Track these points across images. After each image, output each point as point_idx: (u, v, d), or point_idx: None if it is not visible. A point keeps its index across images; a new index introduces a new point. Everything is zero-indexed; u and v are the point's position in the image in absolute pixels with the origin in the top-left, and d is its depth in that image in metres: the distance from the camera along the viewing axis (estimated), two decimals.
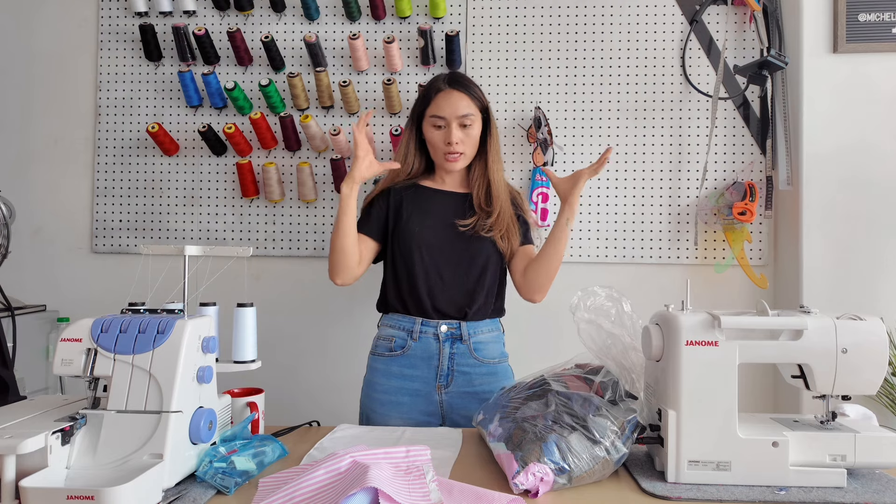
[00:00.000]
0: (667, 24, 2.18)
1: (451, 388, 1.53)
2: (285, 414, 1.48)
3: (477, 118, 1.58)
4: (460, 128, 1.56)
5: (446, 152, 1.57)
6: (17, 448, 0.84)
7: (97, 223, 2.28)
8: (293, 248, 2.24)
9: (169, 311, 1.09)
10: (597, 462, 1.00)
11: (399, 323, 1.57)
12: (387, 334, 1.59)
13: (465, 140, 1.57)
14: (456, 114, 1.55)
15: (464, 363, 1.54)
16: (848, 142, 2.01)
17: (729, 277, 2.16)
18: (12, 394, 1.22)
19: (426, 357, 1.54)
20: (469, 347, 1.54)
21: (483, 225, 1.56)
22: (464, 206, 1.61)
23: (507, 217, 1.59)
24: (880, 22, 2.01)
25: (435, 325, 1.54)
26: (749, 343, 1.04)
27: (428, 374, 1.53)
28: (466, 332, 1.54)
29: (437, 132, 1.58)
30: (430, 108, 1.58)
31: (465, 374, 1.54)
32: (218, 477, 0.99)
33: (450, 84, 1.58)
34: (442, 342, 1.53)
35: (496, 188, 1.60)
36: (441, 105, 1.56)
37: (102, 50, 2.27)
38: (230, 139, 2.16)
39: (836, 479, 1.00)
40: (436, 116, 1.56)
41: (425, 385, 1.53)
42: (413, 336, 1.54)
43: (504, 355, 1.63)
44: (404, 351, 1.54)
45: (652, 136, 2.19)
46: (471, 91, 1.58)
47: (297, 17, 2.23)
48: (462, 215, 1.59)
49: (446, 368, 1.53)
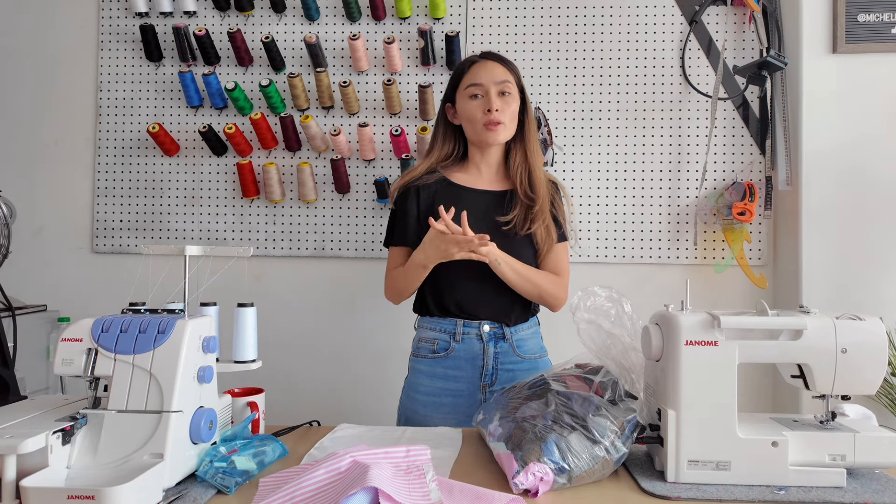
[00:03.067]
0: (666, 24, 2.19)
1: (494, 386, 1.50)
2: (285, 414, 1.48)
3: (515, 91, 1.50)
4: (499, 96, 1.47)
5: (486, 122, 1.47)
6: (18, 448, 0.84)
7: (98, 223, 2.28)
8: (293, 248, 2.25)
9: (169, 311, 1.09)
10: (596, 462, 1.00)
11: (440, 325, 1.52)
12: (428, 336, 1.53)
13: (505, 109, 1.48)
14: (494, 79, 1.47)
15: (507, 361, 1.51)
16: (847, 142, 2.01)
17: (728, 277, 2.16)
18: (13, 394, 1.22)
19: (470, 358, 1.50)
20: (512, 345, 1.51)
21: (529, 216, 1.48)
22: (503, 203, 1.52)
23: (548, 208, 1.51)
24: (880, 22, 2.01)
25: (477, 326, 1.49)
26: (749, 343, 1.04)
27: (473, 374, 1.50)
28: (508, 330, 1.51)
29: (474, 102, 1.48)
30: (466, 79, 1.50)
31: (509, 372, 1.51)
32: (218, 476, 0.99)
33: (485, 56, 1.53)
34: (486, 342, 1.49)
35: (538, 175, 1.52)
36: (478, 73, 1.49)
37: (103, 50, 2.28)
38: (230, 139, 2.16)
39: (835, 479, 1.00)
40: (473, 85, 1.48)
41: (469, 385, 1.50)
42: (456, 338, 1.50)
43: (543, 350, 1.60)
44: (448, 353, 1.50)
45: (652, 137, 2.19)
46: (507, 63, 1.52)
47: (298, 18, 2.23)
48: (502, 214, 1.50)
49: (491, 368, 1.50)
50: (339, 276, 2.25)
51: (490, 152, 1.55)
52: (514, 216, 1.49)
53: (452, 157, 1.58)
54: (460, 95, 1.52)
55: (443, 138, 1.58)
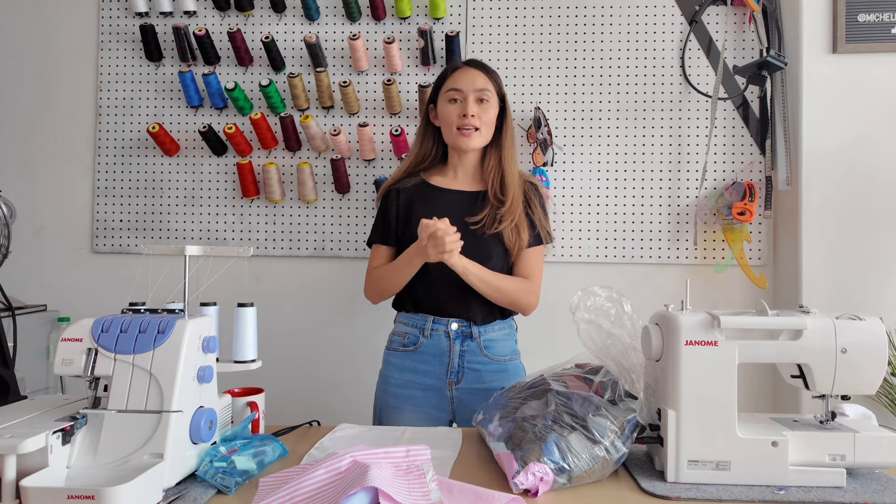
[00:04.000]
0: (666, 24, 2.19)
1: (461, 384, 1.54)
2: (285, 414, 1.48)
3: (494, 99, 1.57)
4: (477, 102, 1.54)
5: (461, 126, 1.53)
6: (18, 448, 0.84)
7: (98, 223, 2.28)
8: (293, 248, 2.25)
9: (169, 311, 1.09)
10: (596, 462, 1.00)
11: (412, 320, 1.57)
12: (401, 330, 1.59)
13: (482, 116, 1.54)
14: (473, 86, 1.54)
15: (474, 360, 1.54)
16: (847, 142, 2.01)
17: (728, 277, 2.16)
18: (13, 394, 1.22)
19: (437, 354, 1.54)
20: (479, 345, 1.54)
21: (496, 216, 1.53)
22: (475, 204, 1.57)
23: (520, 210, 1.55)
24: (880, 22, 2.01)
25: (446, 323, 1.54)
26: (748, 343, 1.04)
27: (439, 370, 1.54)
28: (477, 330, 1.55)
29: (452, 106, 1.55)
30: (447, 83, 1.57)
31: (475, 371, 1.54)
32: (218, 476, 0.99)
33: (468, 63, 1.59)
34: (452, 340, 1.54)
35: (509, 180, 1.56)
36: (458, 78, 1.56)
37: (103, 50, 2.28)
38: (230, 139, 2.16)
39: (835, 479, 1.00)
40: (453, 89, 1.55)
41: (437, 381, 1.54)
42: (425, 333, 1.55)
43: (515, 353, 1.63)
44: (416, 347, 1.55)
45: (651, 137, 2.19)
46: (489, 72, 1.59)
47: (298, 18, 2.23)
48: (473, 214, 1.55)
49: (457, 365, 1.54)
50: (339, 276, 2.25)
51: (467, 156, 1.61)
52: (484, 216, 1.54)
53: (431, 156, 1.64)
54: (441, 98, 1.58)
55: (423, 138, 1.65)
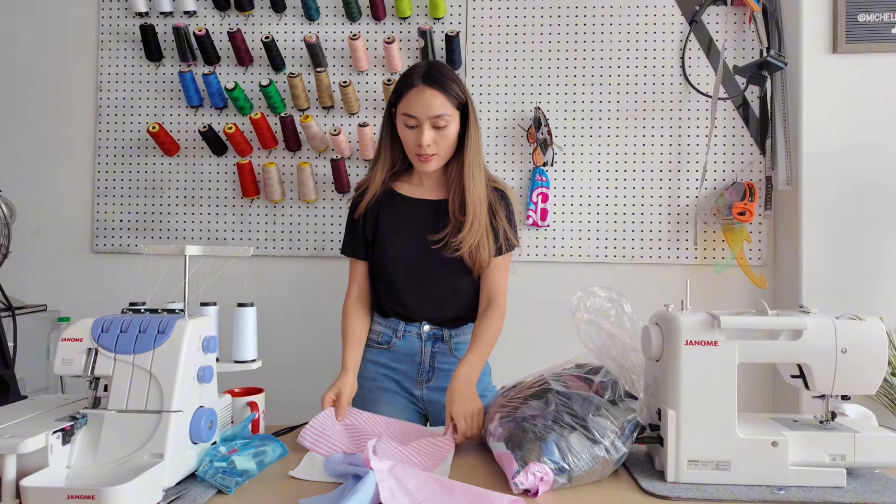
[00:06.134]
0: (666, 24, 2.19)
1: (431, 383, 1.56)
2: (285, 414, 1.48)
3: (453, 117, 1.45)
4: (433, 129, 1.43)
5: (417, 154, 1.46)
6: (18, 448, 0.84)
7: (98, 223, 2.28)
8: (293, 248, 2.25)
9: (169, 311, 1.09)
10: (597, 462, 1.00)
11: (386, 322, 1.59)
12: (377, 329, 1.61)
13: (439, 141, 1.45)
14: (428, 114, 1.42)
15: (444, 361, 1.57)
16: (847, 142, 2.01)
17: (728, 277, 2.16)
18: (13, 393, 1.22)
19: (409, 353, 1.57)
20: (449, 346, 1.57)
21: (453, 241, 1.48)
22: (437, 214, 1.52)
23: (481, 228, 1.49)
24: (880, 22, 2.01)
25: (418, 325, 1.56)
26: (748, 343, 1.04)
27: (411, 369, 1.57)
28: (448, 333, 1.57)
29: (408, 131, 1.46)
30: (402, 105, 1.45)
31: (445, 371, 1.56)
32: (218, 476, 0.99)
33: (424, 80, 1.42)
34: (424, 341, 1.56)
35: (470, 196, 1.48)
36: (413, 103, 1.42)
37: (103, 50, 2.27)
38: (231, 139, 2.16)
39: (835, 479, 1.00)
40: (407, 115, 1.44)
41: (407, 378, 1.57)
42: (398, 335, 1.57)
43: None
44: (390, 346, 1.57)
45: (652, 137, 2.19)
46: (446, 88, 1.43)
47: (298, 18, 2.23)
48: (435, 225, 1.51)
49: (427, 365, 1.56)
50: (339, 276, 2.24)
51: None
52: (445, 235, 1.49)
53: (399, 163, 1.57)
54: (398, 115, 1.48)
55: (390, 146, 1.56)
